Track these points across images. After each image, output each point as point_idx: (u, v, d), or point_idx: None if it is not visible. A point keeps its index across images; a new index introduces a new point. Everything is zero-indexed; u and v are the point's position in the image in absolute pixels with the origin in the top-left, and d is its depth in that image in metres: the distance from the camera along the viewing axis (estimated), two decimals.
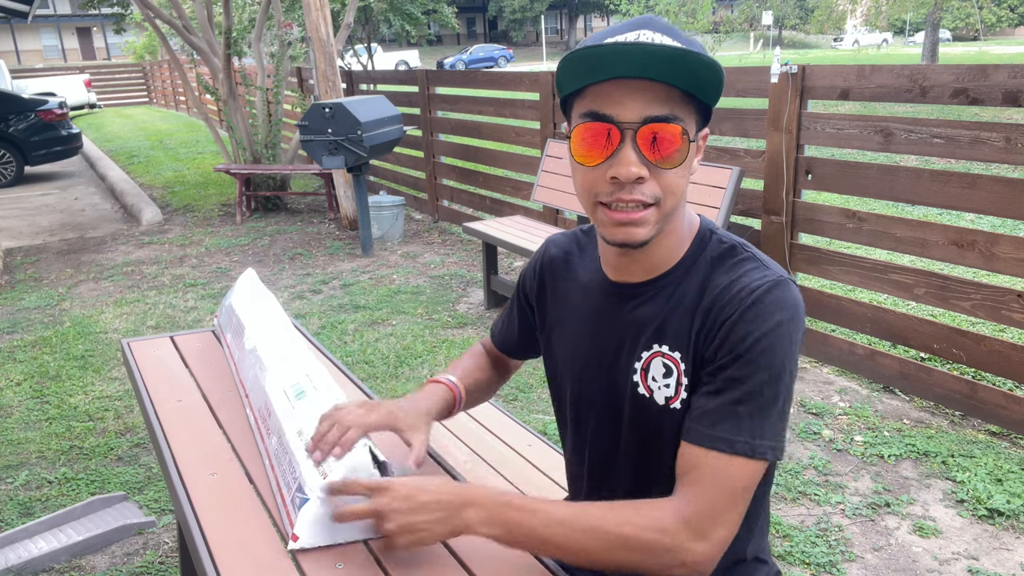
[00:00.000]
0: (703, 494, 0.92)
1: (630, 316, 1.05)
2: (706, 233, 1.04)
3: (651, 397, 1.03)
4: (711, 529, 0.91)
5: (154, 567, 2.34)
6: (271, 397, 1.20)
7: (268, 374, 1.26)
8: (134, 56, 25.62)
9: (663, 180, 0.93)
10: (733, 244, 1.02)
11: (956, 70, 2.88)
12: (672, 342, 1.01)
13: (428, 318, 4.38)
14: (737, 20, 20.29)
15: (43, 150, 10.08)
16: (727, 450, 0.92)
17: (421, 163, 6.71)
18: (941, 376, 3.07)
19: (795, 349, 0.96)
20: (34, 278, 5.53)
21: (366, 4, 11.57)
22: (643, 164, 0.91)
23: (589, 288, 1.12)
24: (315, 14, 6.04)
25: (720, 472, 0.92)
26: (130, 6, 13.22)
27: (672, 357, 1.01)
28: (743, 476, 0.92)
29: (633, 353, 1.05)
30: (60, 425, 3.24)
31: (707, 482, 0.92)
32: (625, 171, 0.91)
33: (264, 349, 1.34)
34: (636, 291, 1.05)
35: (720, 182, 3.39)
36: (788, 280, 0.97)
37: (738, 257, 1.00)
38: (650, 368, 1.03)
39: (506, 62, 38.63)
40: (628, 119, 0.90)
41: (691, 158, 0.95)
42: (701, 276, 1.00)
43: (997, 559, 2.25)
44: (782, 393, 0.94)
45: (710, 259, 1.01)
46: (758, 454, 0.92)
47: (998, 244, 2.81)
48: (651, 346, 1.03)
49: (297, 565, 0.95)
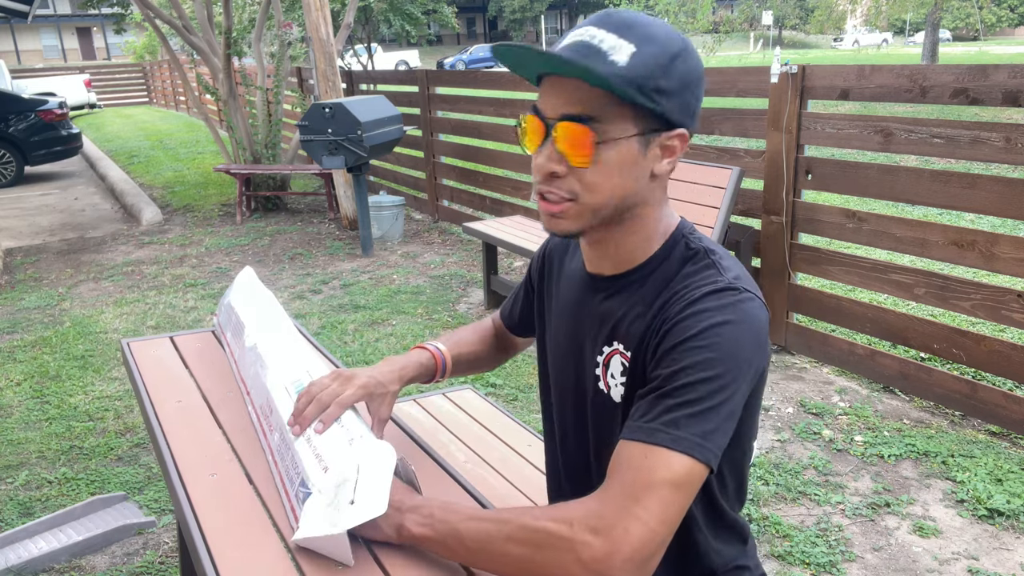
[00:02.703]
0: (614, 486, 0.86)
1: (597, 308, 1.06)
2: (679, 235, 1.02)
3: (608, 393, 1.03)
4: (617, 521, 0.82)
5: (154, 567, 2.34)
6: (272, 394, 1.21)
7: (269, 371, 1.26)
8: (134, 56, 25.62)
9: (580, 177, 0.93)
10: (699, 249, 0.99)
11: (956, 70, 2.88)
12: (627, 341, 1.00)
13: (428, 318, 4.38)
14: (737, 20, 20.28)
15: (43, 150, 10.08)
16: (645, 439, 0.86)
17: (421, 163, 6.71)
18: (941, 376, 3.07)
19: (740, 354, 0.89)
20: (34, 278, 5.53)
21: (366, 4, 11.57)
22: (560, 160, 0.93)
23: (573, 278, 1.13)
24: (315, 14, 6.04)
25: (634, 462, 0.85)
26: (130, 6, 13.23)
27: (626, 356, 1.00)
28: (662, 468, 0.84)
29: (596, 348, 1.05)
30: (60, 425, 3.24)
31: (621, 473, 0.86)
32: (543, 164, 0.94)
33: (264, 346, 1.34)
34: (605, 284, 1.05)
35: (720, 182, 3.39)
36: (740, 288, 0.93)
37: (700, 263, 0.98)
38: (610, 364, 1.03)
39: None
40: (549, 115, 0.92)
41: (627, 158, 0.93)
42: (663, 278, 0.99)
43: (997, 559, 2.25)
44: (719, 395, 0.87)
45: (676, 262, 1.00)
46: (681, 448, 0.85)
47: (998, 244, 2.81)
48: (611, 343, 1.02)
49: (297, 565, 0.95)
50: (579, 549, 0.82)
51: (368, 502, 0.96)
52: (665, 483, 0.84)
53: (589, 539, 0.82)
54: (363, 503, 0.95)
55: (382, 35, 19.62)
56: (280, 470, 1.11)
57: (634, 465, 0.85)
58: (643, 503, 0.83)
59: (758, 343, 0.91)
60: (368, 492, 0.96)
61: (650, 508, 0.83)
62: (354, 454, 1.00)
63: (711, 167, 3.45)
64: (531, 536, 0.85)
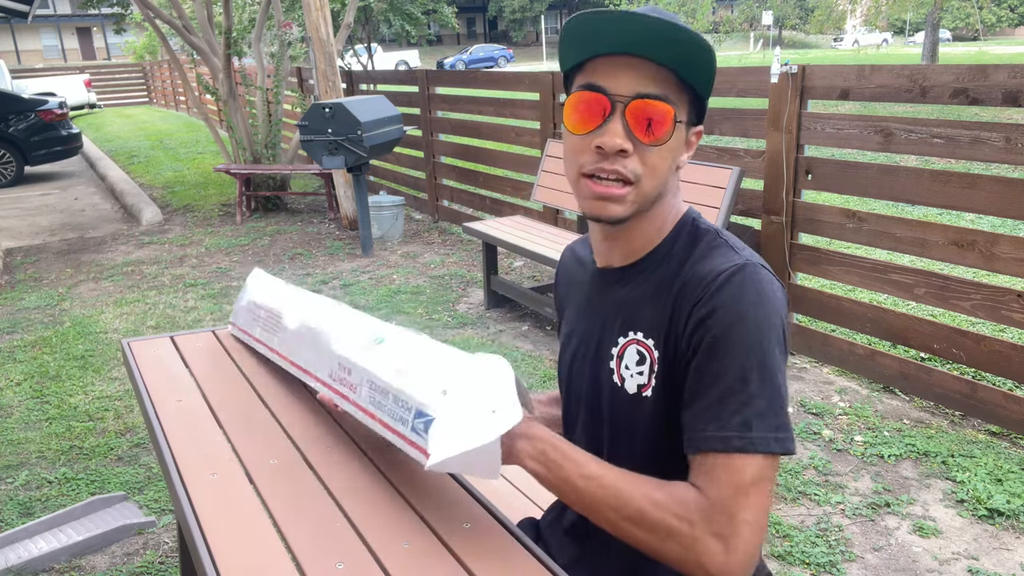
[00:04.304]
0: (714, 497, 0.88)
1: (609, 301, 1.06)
2: (687, 220, 1.04)
3: (622, 386, 1.03)
4: (729, 527, 0.87)
5: (154, 567, 2.34)
6: (347, 355, 1.18)
7: (332, 338, 1.24)
8: (134, 56, 25.61)
9: (646, 158, 0.94)
10: (708, 229, 1.02)
11: (956, 70, 2.88)
12: (646, 329, 1.00)
13: (428, 318, 4.38)
14: (737, 20, 20.30)
15: (43, 150, 10.08)
16: (725, 448, 0.88)
17: (421, 163, 6.71)
18: (941, 376, 3.07)
19: (773, 333, 0.92)
20: (34, 278, 5.53)
21: (366, 4, 11.57)
22: (629, 138, 0.93)
23: (585, 279, 1.14)
24: (315, 14, 6.04)
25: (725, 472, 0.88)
26: (130, 6, 13.23)
27: (646, 344, 1.00)
28: (751, 471, 0.88)
29: (610, 340, 1.05)
30: (60, 425, 3.24)
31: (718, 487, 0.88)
32: (610, 141, 0.92)
33: (315, 321, 1.32)
34: (617, 276, 1.06)
35: (720, 182, 3.39)
36: (757, 264, 0.95)
37: (712, 243, 0.99)
38: (624, 355, 1.02)
39: (506, 62, 38.62)
40: (620, 92, 0.92)
41: (679, 144, 0.96)
42: (677, 262, 1.00)
43: (997, 559, 2.25)
44: (773, 380, 0.90)
45: (686, 244, 1.01)
46: (761, 449, 0.88)
47: (998, 244, 2.81)
48: (627, 333, 1.02)
49: (297, 565, 0.95)
50: (700, 551, 0.87)
51: (506, 409, 0.95)
52: (756, 483, 0.88)
53: (711, 543, 0.87)
54: (503, 410, 0.95)
55: (382, 35, 19.63)
56: (382, 419, 1.08)
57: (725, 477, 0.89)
58: (746, 507, 0.88)
59: (783, 312, 0.95)
60: (503, 399, 0.96)
61: (752, 509, 0.88)
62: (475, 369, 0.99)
63: (711, 167, 3.45)
64: (652, 525, 0.89)
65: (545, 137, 4.97)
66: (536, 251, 3.90)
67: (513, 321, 4.30)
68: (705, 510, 0.88)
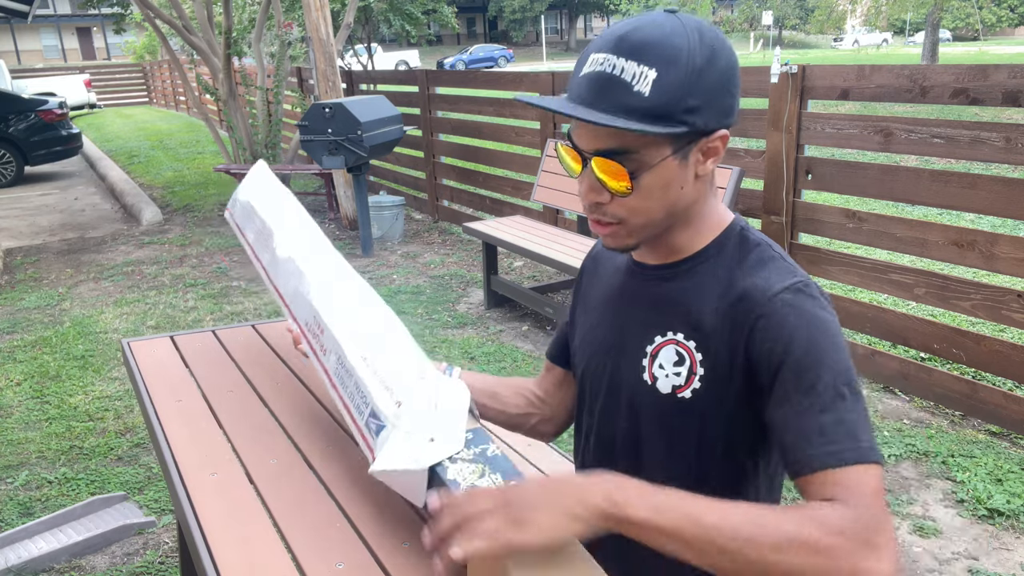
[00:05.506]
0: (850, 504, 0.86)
1: (644, 295, 1.05)
2: (735, 228, 1.03)
3: (654, 384, 1.02)
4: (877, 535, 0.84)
5: (154, 567, 2.34)
6: (320, 313, 1.18)
7: (312, 288, 1.24)
8: (134, 56, 25.62)
9: (623, 203, 0.95)
10: (760, 241, 1.01)
11: (956, 70, 2.88)
12: (688, 331, 1.00)
13: (428, 318, 4.38)
14: (737, 20, 20.29)
15: (43, 150, 10.07)
16: (839, 464, 0.88)
17: (421, 163, 6.71)
18: (941, 376, 3.07)
19: (843, 342, 0.96)
20: (34, 278, 5.53)
21: (366, 4, 11.56)
22: (600, 190, 0.95)
23: (618, 269, 1.13)
24: (315, 14, 6.04)
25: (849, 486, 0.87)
26: (130, 6, 13.23)
27: (686, 346, 0.99)
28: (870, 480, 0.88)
29: (644, 336, 1.04)
30: (60, 425, 3.24)
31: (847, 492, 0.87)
32: (585, 194, 0.96)
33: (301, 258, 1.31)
34: (656, 272, 1.05)
35: (720, 182, 3.39)
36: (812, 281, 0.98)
37: (764, 255, 0.99)
38: (659, 355, 1.02)
39: (506, 62, 38.61)
40: (585, 148, 0.94)
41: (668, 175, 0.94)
42: (725, 268, 0.99)
43: (997, 559, 2.25)
44: (858, 392, 0.93)
45: (735, 253, 1.00)
46: (871, 458, 0.88)
47: (998, 244, 2.81)
48: (665, 332, 1.02)
49: (297, 565, 0.95)
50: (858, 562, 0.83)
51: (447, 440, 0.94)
52: (877, 492, 0.88)
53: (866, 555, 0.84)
54: (442, 440, 0.94)
55: (382, 35, 19.63)
56: (342, 395, 1.09)
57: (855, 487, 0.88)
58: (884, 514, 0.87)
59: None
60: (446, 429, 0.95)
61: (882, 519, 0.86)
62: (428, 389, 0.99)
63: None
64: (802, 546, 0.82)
65: (545, 137, 4.97)
66: (536, 251, 3.90)
67: (513, 321, 4.30)
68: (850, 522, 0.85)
